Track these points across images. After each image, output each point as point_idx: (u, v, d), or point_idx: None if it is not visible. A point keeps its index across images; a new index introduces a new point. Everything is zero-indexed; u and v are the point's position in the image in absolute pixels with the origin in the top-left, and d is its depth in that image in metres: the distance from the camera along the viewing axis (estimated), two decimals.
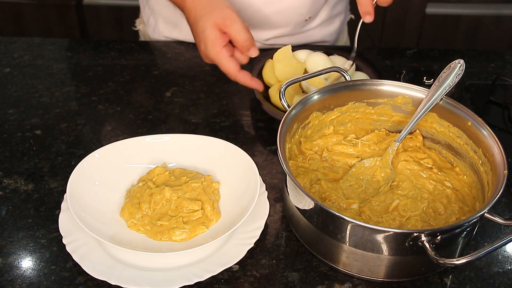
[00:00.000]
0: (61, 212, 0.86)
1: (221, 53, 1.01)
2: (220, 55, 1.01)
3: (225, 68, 1.02)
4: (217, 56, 1.01)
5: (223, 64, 1.02)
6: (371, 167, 0.91)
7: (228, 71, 1.02)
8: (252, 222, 0.85)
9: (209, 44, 1.01)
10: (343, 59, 1.18)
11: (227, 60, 1.01)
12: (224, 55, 1.01)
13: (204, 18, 1.02)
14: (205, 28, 1.01)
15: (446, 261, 0.69)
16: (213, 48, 1.01)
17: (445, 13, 2.29)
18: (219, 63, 1.02)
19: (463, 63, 0.90)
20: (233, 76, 1.03)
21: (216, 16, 1.01)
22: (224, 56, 1.01)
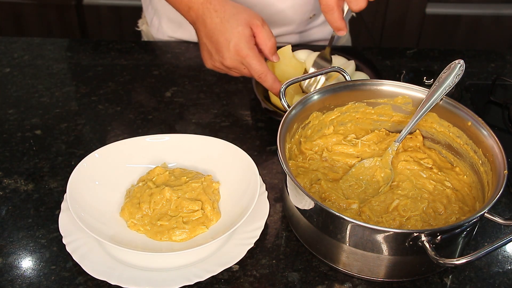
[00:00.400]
0: (61, 212, 0.86)
1: (254, 49, 1.00)
2: (253, 51, 1.00)
3: (256, 66, 1.00)
4: (251, 52, 1.00)
5: (255, 62, 1.00)
6: (371, 167, 0.91)
7: (259, 68, 1.00)
8: (252, 222, 0.85)
9: (243, 40, 0.99)
10: (343, 59, 1.18)
11: (259, 58, 1.00)
12: (257, 53, 1.00)
13: (236, 16, 1.00)
14: (239, 25, 1.00)
15: (446, 261, 0.69)
16: (247, 43, 0.99)
17: (445, 13, 2.29)
18: (250, 60, 1.00)
19: (463, 64, 0.90)
20: (263, 75, 1.01)
21: (249, 15, 1.01)
22: (257, 54, 1.00)
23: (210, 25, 1.02)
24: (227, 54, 1.01)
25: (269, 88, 1.03)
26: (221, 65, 1.04)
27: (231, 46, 1.00)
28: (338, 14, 0.99)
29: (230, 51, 1.00)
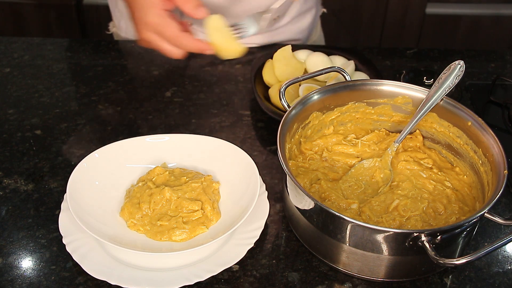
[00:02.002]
0: (61, 212, 0.86)
1: (161, 14, 0.91)
2: (160, 17, 0.91)
3: (165, 30, 0.92)
4: (156, 19, 0.91)
5: (162, 26, 0.92)
6: (370, 168, 0.91)
7: (168, 33, 0.92)
8: (252, 222, 0.85)
9: (146, 7, 0.91)
10: (343, 59, 1.19)
11: (167, 21, 0.92)
12: (164, 16, 0.92)
13: None
14: None
15: (446, 261, 0.69)
16: (151, 10, 0.91)
17: (445, 13, 2.29)
18: (157, 27, 0.92)
19: (463, 64, 0.90)
20: (175, 38, 0.92)
21: None
22: (164, 17, 0.91)
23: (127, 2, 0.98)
24: (139, 27, 0.95)
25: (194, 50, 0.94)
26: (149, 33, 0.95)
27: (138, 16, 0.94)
28: None
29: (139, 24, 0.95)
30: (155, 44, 0.95)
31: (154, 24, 0.92)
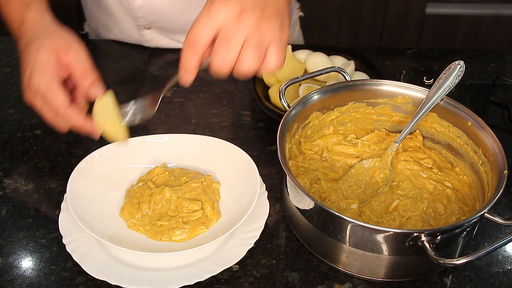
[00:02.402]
0: (61, 212, 0.86)
1: (51, 80, 0.82)
2: (49, 83, 0.81)
3: (51, 98, 0.81)
4: (43, 85, 0.81)
5: (49, 94, 0.81)
6: (370, 168, 0.91)
7: (54, 103, 0.81)
8: (252, 222, 0.85)
9: (37, 69, 0.82)
10: (343, 59, 1.18)
11: (56, 89, 0.81)
12: (55, 83, 0.82)
13: (40, 40, 0.84)
14: (39, 49, 0.83)
15: (446, 261, 0.69)
16: (42, 73, 0.82)
17: (445, 13, 2.29)
18: (44, 93, 0.81)
19: (463, 65, 0.90)
20: (60, 111, 0.82)
21: (58, 39, 0.85)
22: (54, 84, 0.81)
23: (19, 51, 0.88)
24: (24, 87, 0.85)
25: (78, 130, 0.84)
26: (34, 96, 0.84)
27: (26, 77, 0.84)
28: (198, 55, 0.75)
29: (26, 84, 0.85)
30: (38, 110, 0.85)
31: (41, 89, 0.82)
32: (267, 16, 0.72)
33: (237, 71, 0.73)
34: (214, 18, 0.71)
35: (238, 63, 0.72)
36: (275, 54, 0.73)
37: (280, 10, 0.74)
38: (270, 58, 0.73)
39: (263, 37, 0.72)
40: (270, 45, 0.73)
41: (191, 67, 0.74)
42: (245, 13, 0.71)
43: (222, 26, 0.71)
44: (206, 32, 0.71)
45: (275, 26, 0.73)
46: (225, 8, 0.71)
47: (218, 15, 0.71)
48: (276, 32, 0.73)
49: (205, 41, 0.72)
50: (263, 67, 0.74)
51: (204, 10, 0.72)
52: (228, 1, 0.71)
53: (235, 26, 0.71)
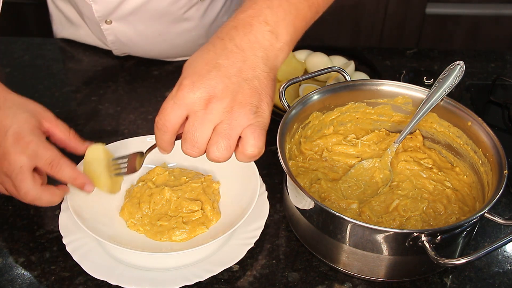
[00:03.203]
0: (61, 212, 0.86)
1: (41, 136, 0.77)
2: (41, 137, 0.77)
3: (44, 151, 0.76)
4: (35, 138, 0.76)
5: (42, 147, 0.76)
6: (370, 168, 0.91)
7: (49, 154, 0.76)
8: (252, 222, 0.85)
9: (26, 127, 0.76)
10: (343, 59, 1.18)
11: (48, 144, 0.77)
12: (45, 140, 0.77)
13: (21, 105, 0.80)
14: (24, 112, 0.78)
15: (446, 261, 0.69)
16: (31, 130, 0.76)
17: (445, 13, 2.29)
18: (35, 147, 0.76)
19: (463, 65, 0.90)
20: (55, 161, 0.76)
21: (39, 107, 0.81)
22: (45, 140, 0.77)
23: None
24: (8, 142, 0.75)
25: (69, 180, 0.78)
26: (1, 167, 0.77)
27: (10, 133, 0.76)
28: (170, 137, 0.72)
29: (7, 140, 0.75)
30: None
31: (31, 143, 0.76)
32: (239, 101, 0.68)
33: (208, 158, 0.71)
34: (181, 103, 0.67)
35: (207, 151, 0.69)
36: (252, 140, 0.68)
37: (258, 89, 0.69)
38: (247, 144, 0.68)
39: (234, 124, 0.67)
40: (245, 131, 0.68)
41: (165, 145, 0.73)
42: (213, 100, 0.67)
43: (190, 111, 0.68)
44: (174, 116, 0.68)
45: (249, 111, 0.68)
46: (193, 94, 0.67)
47: (184, 101, 0.67)
48: (251, 117, 0.68)
49: (174, 124, 0.69)
50: (240, 154, 0.70)
51: (172, 92, 0.68)
52: (196, 86, 0.66)
53: (202, 113, 0.67)
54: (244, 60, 0.69)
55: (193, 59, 0.70)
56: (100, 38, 1.23)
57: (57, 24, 1.33)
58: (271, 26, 0.70)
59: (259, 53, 0.70)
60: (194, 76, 0.67)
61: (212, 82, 0.67)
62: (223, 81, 0.67)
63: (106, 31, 1.18)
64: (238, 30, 0.70)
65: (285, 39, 0.72)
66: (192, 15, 1.18)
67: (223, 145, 0.68)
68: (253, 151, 0.69)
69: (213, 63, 0.68)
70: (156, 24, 1.17)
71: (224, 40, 0.70)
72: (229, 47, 0.69)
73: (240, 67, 0.68)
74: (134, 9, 1.13)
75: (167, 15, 1.16)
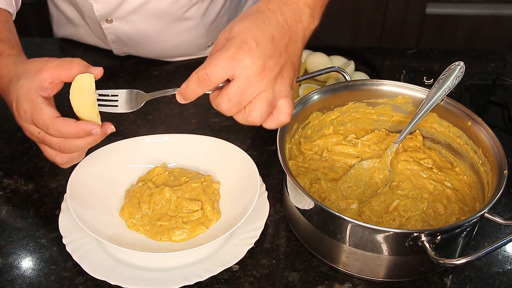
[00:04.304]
0: (61, 212, 0.86)
1: (35, 100, 0.78)
2: (33, 103, 0.77)
3: (38, 117, 0.77)
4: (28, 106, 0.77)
5: (35, 112, 0.77)
6: (370, 168, 0.91)
7: (42, 119, 0.77)
8: (252, 222, 0.85)
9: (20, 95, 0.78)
10: (343, 59, 1.18)
11: (41, 106, 0.77)
12: (38, 101, 0.78)
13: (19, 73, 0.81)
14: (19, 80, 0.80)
15: (446, 261, 0.69)
16: (25, 97, 0.78)
17: (445, 13, 2.29)
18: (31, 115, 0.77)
19: (463, 65, 0.90)
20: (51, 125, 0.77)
21: (35, 63, 0.82)
22: (38, 103, 0.77)
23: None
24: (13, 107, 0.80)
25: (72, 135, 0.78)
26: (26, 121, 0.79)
27: (13, 106, 0.80)
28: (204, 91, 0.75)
29: (14, 112, 0.81)
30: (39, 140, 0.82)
31: (27, 113, 0.78)
32: (283, 75, 0.73)
33: (242, 119, 0.75)
34: (236, 66, 0.70)
35: (247, 113, 0.74)
36: (289, 109, 0.75)
37: (295, 65, 0.75)
38: (282, 112, 0.75)
39: (276, 93, 0.73)
40: (281, 101, 0.74)
41: (191, 96, 0.76)
42: (266, 69, 0.71)
43: (240, 75, 0.71)
44: (223, 75, 0.71)
45: (288, 84, 0.74)
46: (251, 59, 0.70)
47: (241, 64, 0.70)
48: (288, 89, 0.74)
49: (218, 81, 0.72)
50: (272, 121, 0.76)
51: (229, 53, 0.70)
52: (254, 53, 0.70)
53: (253, 79, 0.71)
54: (290, 37, 0.74)
55: (248, 26, 0.72)
56: (101, 38, 1.23)
57: (57, 24, 1.33)
58: (311, 9, 0.76)
59: (300, 32, 0.75)
60: (253, 42, 0.70)
61: (269, 52, 0.71)
62: (276, 54, 0.72)
63: (106, 30, 1.18)
64: (288, 7, 0.74)
65: (317, 21, 0.78)
66: (193, 15, 1.18)
67: (265, 110, 0.73)
68: (286, 119, 0.75)
69: (269, 35, 0.71)
70: (157, 23, 1.17)
71: (276, 14, 0.73)
72: (280, 22, 0.73)
73: (287, 43, 0.73)
74: (135, 8, 1.13)
75: (168, 14, 1.16)
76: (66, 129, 0.77)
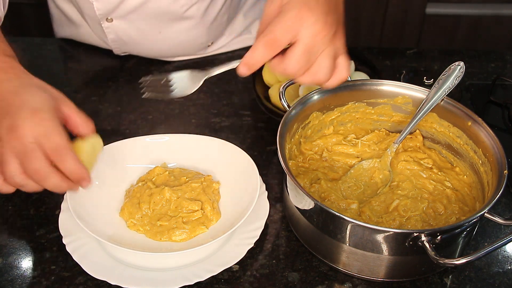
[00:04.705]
0: (61, 212, 0.86)
1: (57, 120, 0.73)
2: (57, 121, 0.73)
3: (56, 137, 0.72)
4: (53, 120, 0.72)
5: (56, 132, 0.72)
6: (370, 168, 0.91)
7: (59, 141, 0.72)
8: (252, 222, 0.85)
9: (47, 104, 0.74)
10: None
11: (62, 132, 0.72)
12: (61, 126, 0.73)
13: (40, 84, 0.77)
14: (45, 92, 0.76)
15: (446, 261, 0.69)
16: (50, 110, 0.73)
17: (445, 13, 2.29)
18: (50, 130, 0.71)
19: (463, 65, 0.90)
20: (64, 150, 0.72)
21: (56, 91, 0.78)
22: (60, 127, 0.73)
23: (3, 89, 0.76)
24: (22, 114, 0.71)
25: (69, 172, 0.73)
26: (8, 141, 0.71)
27: (27, 106, 0.72)
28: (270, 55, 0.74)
29: (22, 112, 0.72)
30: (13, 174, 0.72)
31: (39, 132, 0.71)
32: (339, 32, 0.78)
33: (309, 79, 0.77)
34: (301, 25, 0.72)
35: (314, 72, 0.76)
36: (345, 64, 0.79)
37: (342, 24, 0.80)
38: (343, 68, 0.79)
39: (336, 50, 0.77)
40: (340, 57, 0.78)
41: (257, 64, 0.75)
42: (327, 26, 0.74)
43: (305, 35, 0.73)
44: (289, 36, 0.72)
45: (343, 41, 0.79)
46: (313, 17, 0.73)
47: (305, 23, 0.72)
48: (344, 46, 0.79)
49: (284, 45, 0.73)
50: (335, 78, 0.79)
51: (291, 14, 0.72)
52: (315, 11, 0.73)
53: (317, 37, 0.73)
54: (336, 6, 0.79)
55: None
56: (101, 37, 1.23)
57: (57, 23, 1.33)
58: None
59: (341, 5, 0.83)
60: (312, 2, 0.74)
61: (326, 9, 0.75)
62: (332, 10, 0.76)
63: (107, 29, 1.18)
64: None
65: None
66: (193, 14, 1.18)
67: (331, 67, 0.77)
68: (347, 74, 0.80)
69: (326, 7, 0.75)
70: (157, 22, 1.17)
71: None
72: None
73: (335, 1, 0.79)
74: (136, 7, 1.13)
75: (168, 13, 1.16)
76: (71, 163, 0.72)
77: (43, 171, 0.71)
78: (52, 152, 0.71)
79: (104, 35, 1.21)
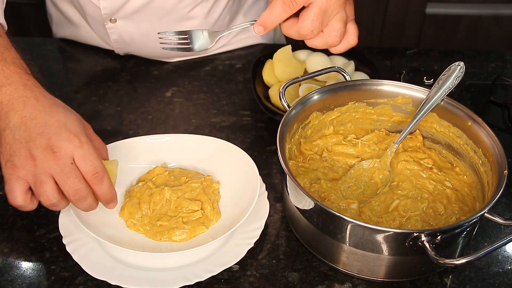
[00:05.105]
0: (61, 212, 0.86)
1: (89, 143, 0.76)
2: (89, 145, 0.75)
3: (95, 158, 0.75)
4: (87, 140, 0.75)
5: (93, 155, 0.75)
6: (369, 169, 0.91)
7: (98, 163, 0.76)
8: (252, 222, 0.85)
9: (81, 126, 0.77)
10: (343, 59, 1.18)
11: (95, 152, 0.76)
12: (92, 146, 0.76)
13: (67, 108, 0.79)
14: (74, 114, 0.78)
15: (446, 261, 0.69)
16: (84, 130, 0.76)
17: (445, 13, 2.29)
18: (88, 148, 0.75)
19: (463, 66, 0.90)
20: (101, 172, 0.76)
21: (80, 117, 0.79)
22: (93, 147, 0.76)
23: (32, 108, 0.75)
24: (62, 136, 0.74)
25: (103, 195, 0.77)
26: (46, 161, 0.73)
27: (66, 128, 0.75)
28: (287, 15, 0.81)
29: (61, 134, 0.74)
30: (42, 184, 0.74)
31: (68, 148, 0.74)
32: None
33: (322, 41, 0.82)
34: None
35: (326, 34, 0.81)
36: (354, 30, 0.83)
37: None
38: (353, 34, 0.84)
39: (347, 16, 0.82)
40: (350, 23, 0.83)
41: (273, 24, 0.80)
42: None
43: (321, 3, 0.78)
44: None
45: (353, 7, 0.83)
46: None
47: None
48: (354, 13, 0.83)
49: (301, 5, 0.79)
50: (344, 42, 0.84)
51: None
52: None
53: (331, 1, 0.79)
54: None
55: None
56: (103, 38, 1.23)
57: (56, 24, 1.33)
58: None
59: None
60: None
61: None
62: None
63: (110, 30, 1.18)
64: None
65: None
66: (197, 14, 1.18)
67: (342, 31, 0.81)
68: (355, 40, 0.84)
69: None
70: (161, 22, 1.17)
71: None
72: None
73: None
74: (140, 7, 1.13)
75: (172, 13, 1.16)
76: (107, 187, 0.76)
77: (83, 192, 0.74)
78: (90, 175, 0.75)
79: (106, 36, 1.21)
